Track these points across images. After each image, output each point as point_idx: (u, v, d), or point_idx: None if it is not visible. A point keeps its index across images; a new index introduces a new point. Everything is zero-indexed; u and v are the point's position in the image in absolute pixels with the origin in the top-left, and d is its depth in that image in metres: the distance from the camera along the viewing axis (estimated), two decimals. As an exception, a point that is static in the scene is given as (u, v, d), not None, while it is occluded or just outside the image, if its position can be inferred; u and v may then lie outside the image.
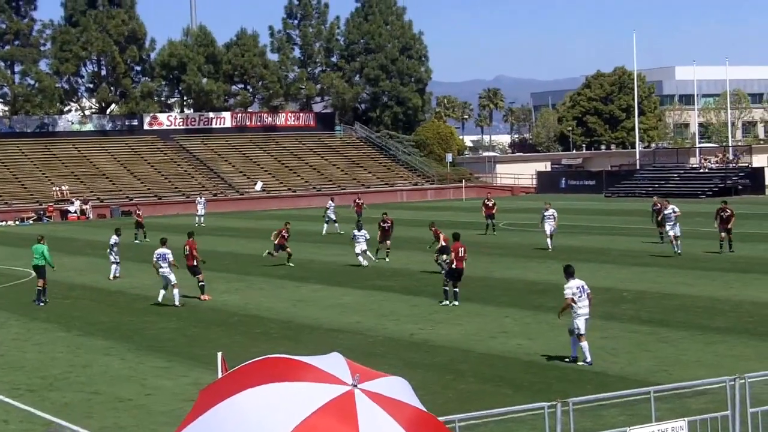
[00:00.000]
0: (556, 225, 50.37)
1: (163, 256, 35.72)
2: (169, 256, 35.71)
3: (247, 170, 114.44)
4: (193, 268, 37.30)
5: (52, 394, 22.51)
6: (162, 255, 35.78)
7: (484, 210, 61.36)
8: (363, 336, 28.53)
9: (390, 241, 48.28)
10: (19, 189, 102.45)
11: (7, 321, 33.41)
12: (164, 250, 36.00)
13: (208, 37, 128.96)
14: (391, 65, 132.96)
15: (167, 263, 35.57)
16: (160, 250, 36.13)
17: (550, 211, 50.26)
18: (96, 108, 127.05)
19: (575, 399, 15.31)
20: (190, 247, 37.39)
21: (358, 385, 6.66)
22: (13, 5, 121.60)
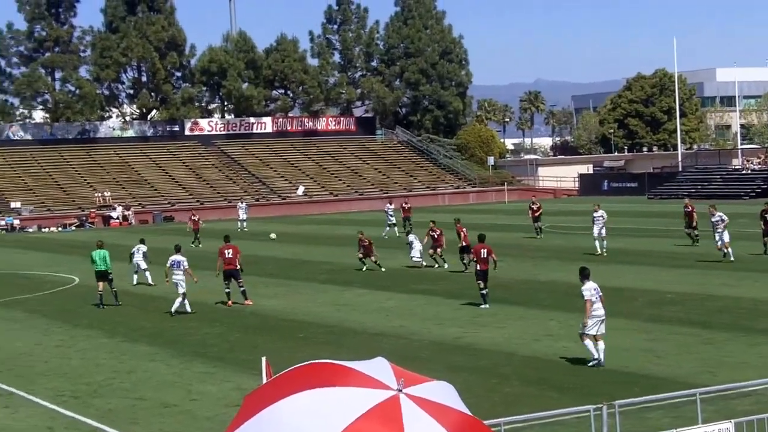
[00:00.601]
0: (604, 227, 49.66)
1: (177, 263, 35.59)
2: (184, 263, 35.63)
3: (288, 175, 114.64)
4: (234, 272, 37.07)
5: (96, 401, 22.53)
6: (177, 262, 35.67)
7: (530, 213, 61.08)
8: (407, 340, 28.42)
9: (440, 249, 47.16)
10: (62, 195, 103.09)
11: (50, 327, 33.53)
12: (179, 257, 35.90)
13: (248, 42, 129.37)
14: (431, 69, 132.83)
15: (181, 270, 35.38)
16: (174, 256, 35.98)
17: (599, 212, 49.71)
18: (137, 114, 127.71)
19: (621, 401, 15.17)
20: (234, 252, 37.15)
21: (403, 390, 6.60)
22: (53, 12, 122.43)
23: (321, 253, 55.12)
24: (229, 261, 36.90)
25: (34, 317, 36.09)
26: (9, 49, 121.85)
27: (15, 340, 31.32)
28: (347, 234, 66.76)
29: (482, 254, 33.75)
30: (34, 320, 35.32)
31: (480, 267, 33.64)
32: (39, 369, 26.40)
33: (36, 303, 40.29)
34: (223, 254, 37.09)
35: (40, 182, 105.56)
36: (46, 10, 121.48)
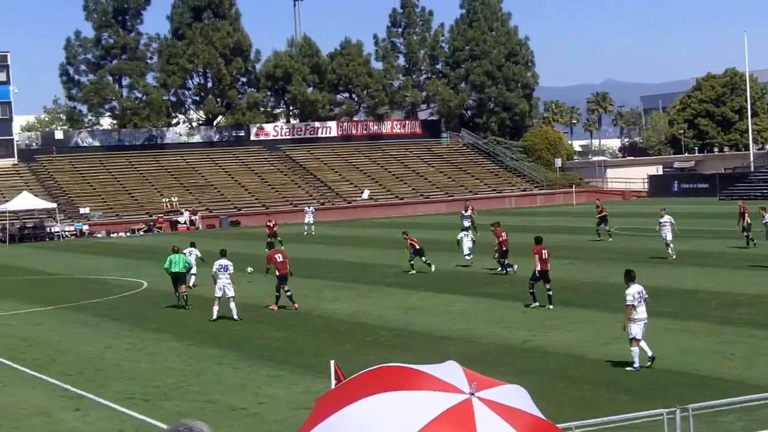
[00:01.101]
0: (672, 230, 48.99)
1: (224, 267, 35.59)
2: (230, 267, 35.65)
3: (353, 179, 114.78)
4: (285, 276, 37.31)
5: (166, 404, 22.61)
6: (224, 266, 35.67)
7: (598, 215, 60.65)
8: (474, 343, 28.27)
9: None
10: (130, 201, 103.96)
11: (120, 331, 33.75)
12: (225, 261, 35.93)
13: (313, 47, 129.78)
14: (496, 71, 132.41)
15: (227, 275, 35.40)
16: (221, 261, 35.97)
17: (665, 217, 49.20)
18: (203, 120, 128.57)
19: (694, 405, 14.96)
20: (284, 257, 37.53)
21: (475, 394, 6.48)
22: (120, 20, 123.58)
23: (387, 257, 55.05)
24: (281, 266, 37.24)
25: (104, 321, 36.36)
26: (77, 56, 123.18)
27: (86, 343, 31.56)
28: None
29: (543, 255, 34.26)
30: (104, 324, 35.58)
31: (541, 268, 34.09)
32: (109, 372, 26.56)
33: (106, 307, 40.61)
34: (275, 260, 37.48)
35: (108, 188, 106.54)
36: (113, 17, 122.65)
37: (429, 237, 64.75)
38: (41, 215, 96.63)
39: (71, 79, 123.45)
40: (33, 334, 34.11)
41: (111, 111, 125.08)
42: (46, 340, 32.71)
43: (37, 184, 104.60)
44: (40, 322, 37.19)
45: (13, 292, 48.31)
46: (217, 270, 35.60)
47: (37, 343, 31.99)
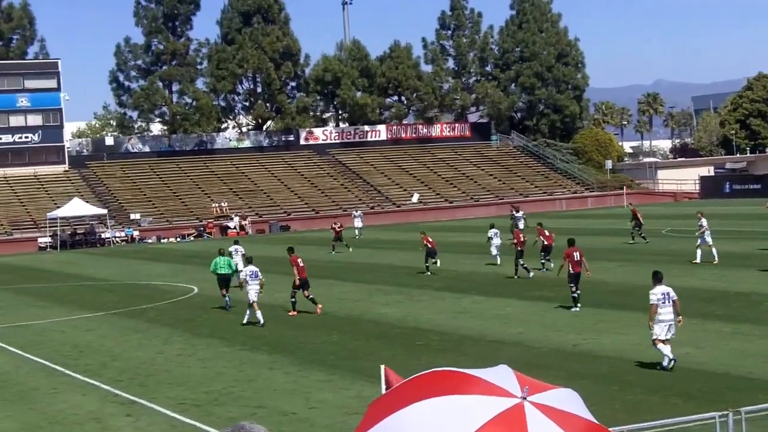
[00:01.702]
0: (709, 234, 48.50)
1: (254, 274, 36.05)
2: (259, 273, 36.12)
3: (403, 182, 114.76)
4: (306, 281, 37.76)
5: (217, 409, 22.61)
6: (253, 272, 36.12)
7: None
8: (525, 347, 28.09)
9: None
10: (180, 206, 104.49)
11: (171, 337, 33.84)
12: (254, 267, 36.44)
13: (362, 50, 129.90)
14: (546, 73, 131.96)
15: (257, 280, 35.85)
16: (250, 267, 36.59)
17: (702, 221, 48.86)
18: (252, 125, 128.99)
19: (747, 408, 14.75)
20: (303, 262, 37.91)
21: (527, 398, 6.41)
22: (169, 26, 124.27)
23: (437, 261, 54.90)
24: (301, 270, 37.65)
25: (155, 327, 36.49)
26: (127, 63, 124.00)
27: (137, 349, 31.68)
28: (463, 241, 66.66)
29: (575, 257, 34.65)
30: (155, 330, 35.71)
31: (573, 270, 34.49)
32: (161, 378, 26.62)
33: (156, 313, 40.77)
34: (297, 263, 37.75)
35: (158, 193, 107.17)
36: (163, 23, 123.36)
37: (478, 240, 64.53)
38: (92, 221, 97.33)
39: (121, 85, 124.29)
40: (84, 340, 34.30)
41: (161, 117, 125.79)
42: (97, 346, 32.86)
43: (88, 190, 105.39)
44: (91, 328, 37.39)
45: (64, 298, 48.66)
46: (247, 276, 36.13)
47: (88, 349, 32.15)
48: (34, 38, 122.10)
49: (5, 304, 47.41)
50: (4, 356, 31.83)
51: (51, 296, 49.93)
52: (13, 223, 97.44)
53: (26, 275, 64.30)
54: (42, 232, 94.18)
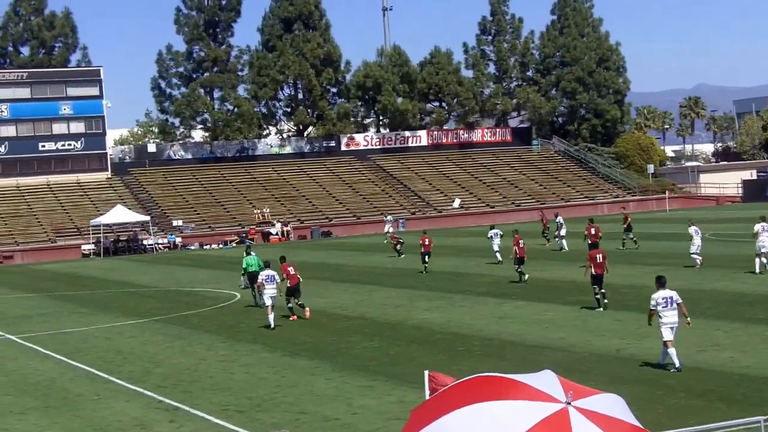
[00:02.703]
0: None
1: (271, 278, 36.97)
2: (276, 277, 37.05)
3: (444, 188, 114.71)
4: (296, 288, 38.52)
5: (260, 415, 22.65)
6: (270, 276, 37.02)
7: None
8: (567, 352, 27.98)
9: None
10: (222, 213, 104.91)
11: (214, 343, 33.96)
12: (271, 271, 37.36)
13: (402, 56, 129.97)
14: (588, 77, 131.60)
15: (274, 284, 36.85)
16: (267, 271, 37.60)
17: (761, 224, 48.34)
18: (294, 131, 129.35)
19: (793, 413, 14.60)
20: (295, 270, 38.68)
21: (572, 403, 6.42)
22: (211, 33, 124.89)
23: (478, 266, 54.90)
24: (292, 278, 38.36)
25: (198, 333, 36.62)
26: (169, 70, 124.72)
27: (180, 355, 31.81)
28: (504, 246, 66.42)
29: (597, 259, 35.66)
30: (198, 336, 35.84)
31: (595, 272, 35.49)
32: (204, 384, 26.71)
33: (199, 319, 40.93)
34: (287, 272, 38.49)
35: (200, 200, 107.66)
36: (204, 31, 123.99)
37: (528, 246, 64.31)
38: (135, 228, 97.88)
39: (163, 92, 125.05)
40: (128, 346, 34.47)
41: (203, 123, 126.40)
42: (141, 352, 33.02)
43: (130, 197, 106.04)
44: (134, 334, 37.58)
45: (108, 305, 48.95)
46: (264, 280, 37.00)
47: (132, 356, 32.31)
48: (76, 46, 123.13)
49: (49, 311, 47.75)
50: (48, 363, 32.06)
51: (94, 303, 50.24)
52: (57, 230, 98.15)
53: (70, 282, 64.75)
54: (85, 239, 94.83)
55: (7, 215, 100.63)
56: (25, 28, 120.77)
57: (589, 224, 54.89)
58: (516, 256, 45.91)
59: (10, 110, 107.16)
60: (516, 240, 46.22)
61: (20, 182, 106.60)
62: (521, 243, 46.02)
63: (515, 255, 46.03)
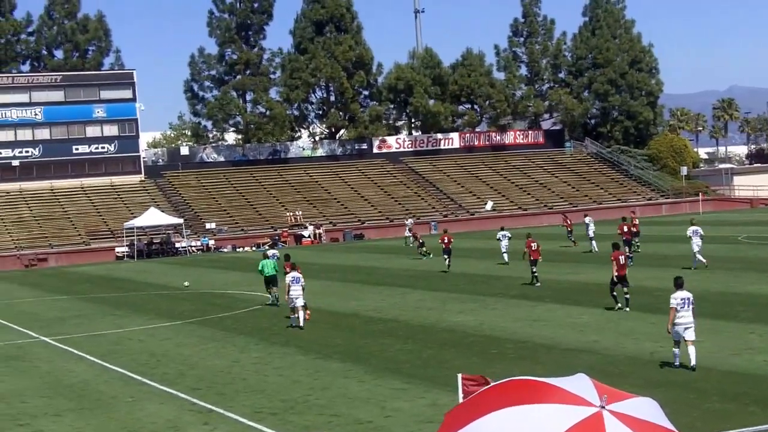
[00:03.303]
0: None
1: (296, 279, 37.57)
2: (301, 279, 37.62)
3: (476, 190, 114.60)
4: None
5: (293, 417, 22.68)
6: (296, 278, 37.65)
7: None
8: (601, 355, 27.89)
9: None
10: (254, 216, 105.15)
11: (247, 345, 34.04)
12: (297, 273, 38.11)
13: (434, 59, 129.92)
14: (620, 79, 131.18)
15: (300, 286, 37.36)
16: (293, 273, 38.22)
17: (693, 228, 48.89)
18: (326, 133, 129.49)
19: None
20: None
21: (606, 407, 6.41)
22: (243, 36, 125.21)
23: (511, 269, 54.78)
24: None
25: (231, 335, 36.72)
26: (201, 73, 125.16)
27: (213, 358, 31.90)
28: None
29: (620, 260, 36.78)
30: (232, 338, 35.93)
31: (618, 272, 36.51)
32: (237, 386, 26.77)
33: (232, 321, 41.05)
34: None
35: (233, 203, 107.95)
36: (237, 34, 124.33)
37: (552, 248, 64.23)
38: (168, 231, 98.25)
39: (196, 95, 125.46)
40: (162, 348, 34.60)
41: (235, 126, 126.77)
42: (174, 354, 33.13)
43: (163, 200, 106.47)
44: (168, 336, 37.73)
45: (142, 307, 49.16)
46: (290, 282, 37.57)
47: (165, 358, 32.43)
48: (109, 49, 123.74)
49: (83, 313, 48.00)
50: (82, 365, 32.22)
51: (128, 305, 50.47)
52: (91, 232, 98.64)
53: (103, 284, 65.05)
54: (119, 242, 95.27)
55: (42, 218, 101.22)
56: (58, 32, 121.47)
57: (622, 223, 55.97)
58: (529, 258, 46.66)
59: (44, 113, 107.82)
60: (528, 243, 47.06)
61: (54, 185, 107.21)
62: (534, 245, 46.75)
63: (528, 257, 46.76)
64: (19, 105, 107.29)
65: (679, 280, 26.06)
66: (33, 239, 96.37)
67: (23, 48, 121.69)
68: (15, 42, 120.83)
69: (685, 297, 25.39)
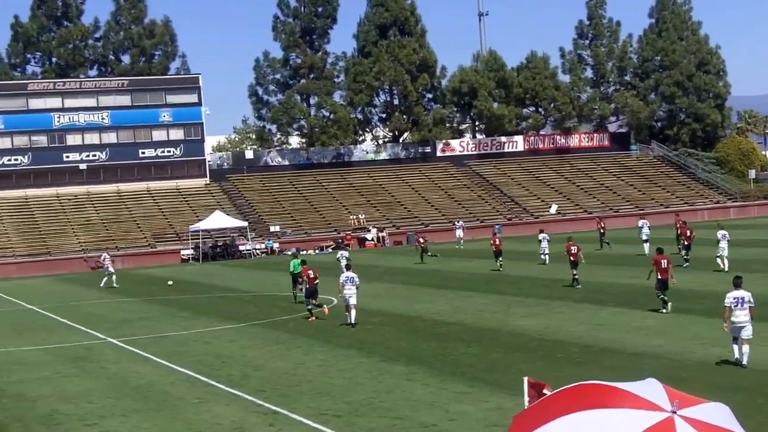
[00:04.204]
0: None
1: (351, 279, 38.93)
2: (356, 279, 38.99)
3: (540, 193, 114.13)
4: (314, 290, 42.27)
5: (358, 420, 22.68)
6: (350, 278, 39.01)
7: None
8: (667, 360, 27.65)
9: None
10: (318, 219, 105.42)
11: (312, 347, 34.11)
12: (351, 273, 39.39)
13: (498, 61, 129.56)
14: (687, 81, 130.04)
15: (354, 285, 38.64)
16: (347, 273, 39.59)
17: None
18: (389, 137, 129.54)
19: None
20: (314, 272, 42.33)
21: (677, 412, 6.31)
22: (307, 40, 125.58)
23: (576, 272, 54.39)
24: (311, 281, 42.09)
25: (295, 338, 36.83)
26: (266, 77, 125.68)
27: (278, 360, 31.99)
28: (602, 253, 66.04)
29: (662, 264, 37.31)
30: (296, 340, 36.04)
31: (660, 276, 37.21)
32: (302, 388, 26.83)
33: (297, 324, 41.17)
34: (307, 274, 42.53)
35: (297, 206, 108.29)
36: (301, 38, 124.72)
37: (618, 252, 63.80)
38: (233, 233, 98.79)
39: (260, 99, 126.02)
40: (227, 350, 34.77)
41: (299, 130, 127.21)
42: (239, 356, 33.28)
43: (228, 203, 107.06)
44: (233, 338, 37.92)
45: (207, 309, 49.45)
46: (344, 281, 38.92)
47: (231, 360, 32.58)
48: (175, 54, 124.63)
49: (150, 315, 48.37)
50: (148, 366, 32.46)
51: (193, 307, 50.77)
52: (156, 235, 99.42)
53: (169, 287, 65.49)
54: (184, 245, 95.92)
55: (108, 221, 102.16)
56: (125, 37, 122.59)
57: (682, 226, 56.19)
58: (570, 261, 48.17)
59: (111, 117, 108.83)
60: (568, 247, 48.61)
61: (121, 188, 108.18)
62: (573, 249, 48.22)
63: (569, 260, 48.20)
64: (87, 109, 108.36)
65: (737, 280, 26.74)
66: (99, 242, 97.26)
67: (90, 53, 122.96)
68: (83, 47, 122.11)
69: (739, 296, 25.88)
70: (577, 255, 48.18)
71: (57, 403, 26.98)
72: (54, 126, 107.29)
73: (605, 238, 71.52)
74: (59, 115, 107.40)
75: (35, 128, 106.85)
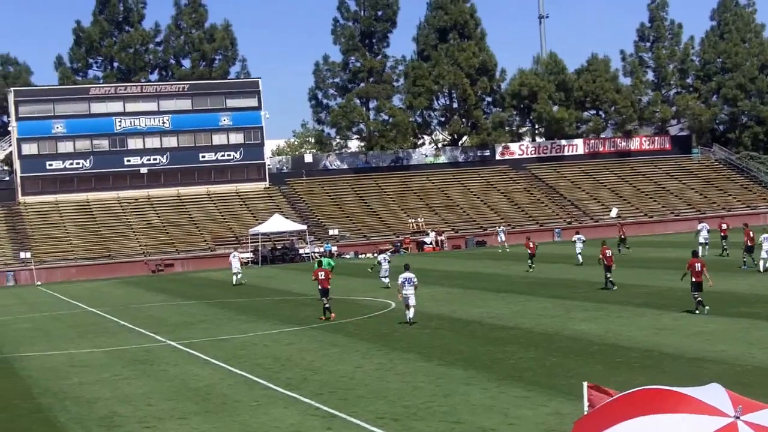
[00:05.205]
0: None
1: (409, 280, 39.96)
2: (414, 279, 40.04)
3: (600, 197, 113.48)
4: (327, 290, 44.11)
5: (416, 424, 22.59)
6: (408, 279, 40.03)
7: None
8: (729, 365, 27.31)
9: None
10: (377, 222, 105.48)
11: (369, 351, 34.08)
12: (410, 274, 40.39)
13: (559, 64, 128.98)
14: (749, 84, 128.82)
15: (412, 286, 39.77)
16: (405, 274, 40.50)
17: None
18: (448, 140, 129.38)
19: None
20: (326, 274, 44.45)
21: (741, 417, 6.18)
22: (366, 44, 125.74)
23: (636, 276, 54.02)
24: (322, 282, 43.96)
25: (354, 341, 36.81)
26: (325, 81, 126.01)
27: (336, 363, 31.98)
28: (662, 256, 65.53)
29: (696, 268, 38.15)
30: (354, 344, 36.02)
31: (694, 279, 38.06)
32: (360, 392, 26.79)
33: (355, 327, 41.16)
34: (318, 276, 44.32)
35: (356, 209, 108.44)
36: (360, 41, 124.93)
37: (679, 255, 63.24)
38: (292, 237, 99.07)
39: (320, 103, 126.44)
40: (285, 353, 34.82)
41: (358, 134, 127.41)
42: (298, 359, 33.31)
43: (287, 206, 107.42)
44: (291, 341, 37.97)
45: (266, 312, 49.59)
46: (403, 282, 40.05)
47: (289, 363, 32.61)
48: (235, 58, 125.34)
49: (209, 318, 48.60)
50: (208, 369, 32.57)
51: (252, 310, 50.94)
52: (216, 238, 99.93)
53: (229, 290, 65.80)
54: (244, 248, 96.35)
55: (169, 224, 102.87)
56: (186, 41, 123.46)
57: (746, 229, 57.10)
58: (604, 264, 48.90)
59: (172, 121, 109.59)
60: (603, 250, 49.29)
61: (181, 192, 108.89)
62: (608, 252, 49.12)
63: (602, 263, 49.01)
64: (148, 113, 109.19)
65: None
66: (160, 245, 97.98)
67: (151, 57, 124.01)
68: (144, 52, 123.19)
69: None
70: (611, 258, 49.10)
71: (116, 405, 27.14)
72: (115, 130, 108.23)
73: (626, 243, 72.73)
74: (120, 119, 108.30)
75: (97, 132, 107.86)
